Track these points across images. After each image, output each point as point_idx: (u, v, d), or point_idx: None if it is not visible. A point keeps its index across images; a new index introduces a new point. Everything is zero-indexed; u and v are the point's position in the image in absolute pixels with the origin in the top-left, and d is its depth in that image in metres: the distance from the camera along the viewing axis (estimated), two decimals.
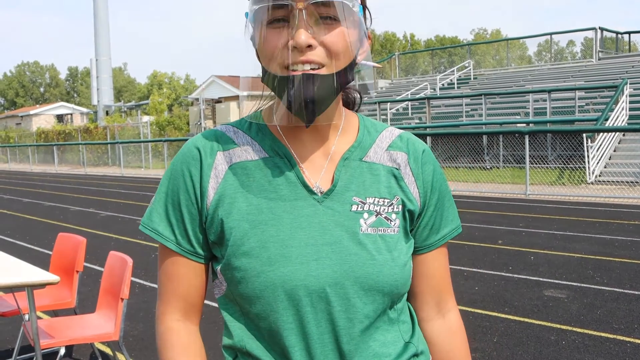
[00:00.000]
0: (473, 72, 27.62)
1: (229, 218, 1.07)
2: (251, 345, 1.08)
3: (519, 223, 9.17)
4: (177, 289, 1.13)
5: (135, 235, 9.14)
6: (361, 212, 1.08)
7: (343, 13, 0.99)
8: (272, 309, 1.04)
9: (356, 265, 1.05)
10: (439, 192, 1.17)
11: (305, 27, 0.97)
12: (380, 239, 1.08)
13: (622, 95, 16.44)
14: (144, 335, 4.67)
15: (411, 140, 1.18)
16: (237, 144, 1.12)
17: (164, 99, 39.19)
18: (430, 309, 1.21)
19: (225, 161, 1.10)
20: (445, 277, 1.21)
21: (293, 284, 1.03)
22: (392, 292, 1.08)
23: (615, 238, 7.74)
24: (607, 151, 14.80)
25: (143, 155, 28.71)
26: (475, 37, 77.06)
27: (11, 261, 3.71)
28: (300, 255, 1.04)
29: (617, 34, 27.43)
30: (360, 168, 1.12)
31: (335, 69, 1.01)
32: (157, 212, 1.12)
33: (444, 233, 1.18)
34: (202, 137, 1.14)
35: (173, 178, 1.12)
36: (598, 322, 4.63)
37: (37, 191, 17.90)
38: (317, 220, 1.06)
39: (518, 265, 6.47)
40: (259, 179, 1.09)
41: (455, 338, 1.22)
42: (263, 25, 1.01)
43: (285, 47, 0.99)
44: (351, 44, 1.02)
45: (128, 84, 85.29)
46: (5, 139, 45.52)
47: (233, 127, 1.16)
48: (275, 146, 1.11)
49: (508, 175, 15.51)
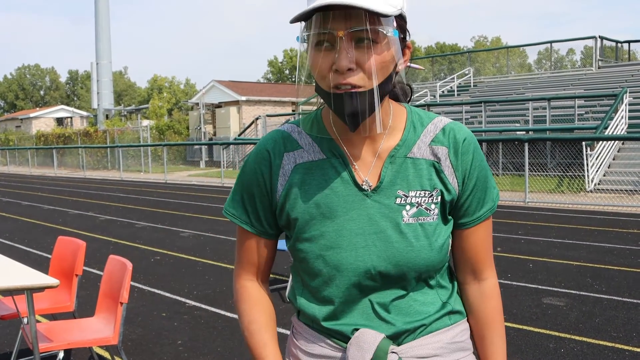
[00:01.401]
0: (473, 80, 27.67)
1: (294, 210, 1.28)
2: (306, 308, 1.32)
3: (517, 230, 9.17)
4: (250, 257, 1.39)
5: (134, 240, 9.14)
6: (404, 204, 1.25)
7: (378, 38, 1.14)
8: (327, 285, 1.27)
9: (397, 251, 1.24)
10: (476, 179, 1.30)
11: (345, 52, 1.12)
12: (420, 227, 1.25)
13: (621, 104, 16.47)
14: (142, 340, 4.67)
15: (453, 132, 1.30)
16: (300, 146, 1.31)
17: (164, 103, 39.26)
18: (467, 275, 1.38)
19: (291, 161, 1.30)
20: (481, 251, 1.35)
21: (344, 267, 1.24)
22: (427, 270, 1.26)
23: (614, 246, 7.75)
24: (607, 159, 14.82)
25: (142, 159, 28.71)
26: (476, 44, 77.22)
27: (11, 264, 3.71)
28: (351, 243, 1.24)
29: (616, 43, 27.50)
30: (405, 164, 1.27)
31: (371, 86, 1.15)
32: (235, 200, 1.36)
33: (479, 214, 1.32)
34: (271, 140, 1.33)
35: (247, 174, 1.34)
36: (596, 330, 4.63)
37: (36, 194, 17.89)
38: (365, 212, 1.25)
39: (517, 273, 6.47)
40: (318, 177, 1.28)
41: (488, 302, 1.37)
42: (312, 47, 1.17)
43: (330, 70, 1.15)
44: (387, 62, 1.16)
45: (128, 87, 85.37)
46: (5, 142, 45.51)
47: (298, 127, 1.34)
48: (332, 147, 1.29)
49: (507, 182, 15.52)
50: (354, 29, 1.11)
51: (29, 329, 3.18)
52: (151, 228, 10.34)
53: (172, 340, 4.65)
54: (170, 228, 10.25)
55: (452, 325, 1.33)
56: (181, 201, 14.72)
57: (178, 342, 4.59)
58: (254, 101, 33.33)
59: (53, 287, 3.22)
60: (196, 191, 17.68)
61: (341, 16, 1.11)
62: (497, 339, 1.37)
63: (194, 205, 13.83)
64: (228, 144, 24.69)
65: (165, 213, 12.36)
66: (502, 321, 1.39)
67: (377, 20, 1.12)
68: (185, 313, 5.31)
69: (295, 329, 1.40)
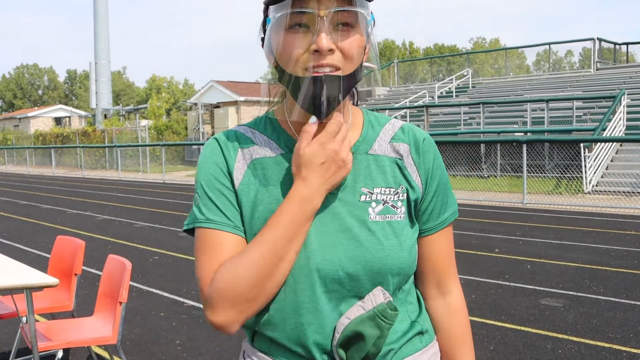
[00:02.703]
0: (471, 81, 27.68)
1: (252, 207, 1.18)
2: (265, 327, 1.18)
3: (515, 232, 9.19)
4: (221, 259, 1.14)
5: (133, 239, 9.14)
6: (369, 201, 1.18)
7: (358, 21, 1.11)
8: (292, 289, 1.14)
9: (366, 250, 1.14)
10: (438, 179, 1.26)
11: (326, 33, 1.07)
12: (388, 225, 1.17)
13: (619, 106, 16.50)
14: (140, 339, 4.67)
15: (412, 130, 1.27)
16: (255, 143, 1.23)
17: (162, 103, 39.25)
18: (431, 288, 1.30)
19: (245, 158, 1.21)
20: (445, 259, 1.29)
21: (310, 267, 1.13)
22: (399, 274, 1.18)
23: (612, 248, 7.76)
24: (604, 161, 14.84)
25: (141, 159, 28.69)
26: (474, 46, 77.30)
27: (10, 263, 3.71)
28: (316, 241, 1.14)
29: (615, 45, 27.54)
30: (366, 160, 1.22)
31: (349, 71, 1.12)
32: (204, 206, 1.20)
33: (443, 218, 1.27)
34: (222, 135, 1.25)
35: (205, 171, 1.21)
36: (594, 331, 4.65)
37: (35, 194, 17.87)
38: (330, 210, 1.17)
39: (515, 274, 6.48)
40: (277, 174, 1.19)
41: (455, 317, 1.30)
42: (284, 30, 1.10)
43: (308, 51, 1.08)
44: (362, 47, 1.13)
45: (127, 87, 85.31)
46: (3, 141, 45.48)
47: (250, 127, 1.26)
48: (290, 143, 1.21)
49: (505, 184, 15.54)
50: (338, 9, 1.07)
51: (28, 328, 3.19)
52: (150, 228, 10.34)
53: (170, 340, 4.66)
54: (168, 228, 10.25)
55: (424, 348, 1.24)
56: (179, 201, 14.72)
57: (176, 342, 4.60)
58: (252, 101, 33.32)
59: (52, 286, 3.23)
60: (194, 191, 17.67)
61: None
62: (468, 356, 1.31)
63: (192, 205, 13.81)
64: None
65: (163, 213, 12.36)
66: (471, 337, 1.33)
67: (360, 2, 1.10)
68: (184, 313, 5.32)
69: (248, 357, 1.24)
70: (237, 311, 1.10)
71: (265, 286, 1.10)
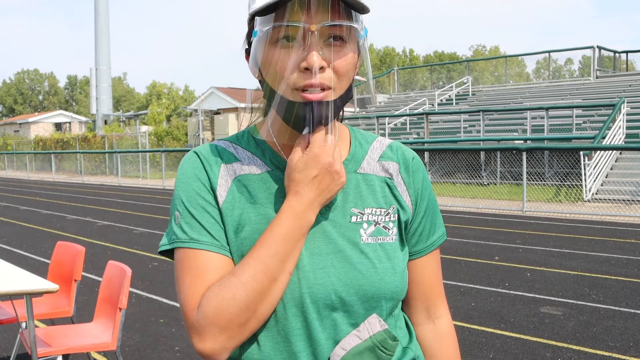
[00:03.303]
0: (471, 89, 27.73)
1: (238, 227, 1.09)
2: (253, 357, 1.09)
3: (515, 239, 9.19)
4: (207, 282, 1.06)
5: (132, 245, 9.13)
6: (360, 222, 1.12)
7: (350, 36, 1.04)
8: (282, 315, 1.06)
9: (359, 273, 1.08)
10: (427, 200, 1.21)
11: (317, 49, 1.00)
12: (380, 247, 1.11)
13: (619, 114, 16.53)
14: (140, 346, 4.66)
15: (400, 149, 1.22)
16: (238, 159, 1.15)
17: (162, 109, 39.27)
18: (419, 313, 1.25)
19: (229, 174, 1.13)
20: (434, 283, 1.24)
21: (301, 291, 1.06)
22: (392, 299, 1.12)
23: (612, 256, 7.76)
24: (604, 169, 14.86)
25: (141, 165, 28.71)
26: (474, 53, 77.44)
27: (10, 269, 3.71)
28: (307, 264, 1.07)
29: (614, 53, 27.60)
30: (355, 180, 1.15)
31: (341, 91, 1.06)
32: (186, 224, 1.10)
33: (432, 240, 1.22)
34: (202, 149, 1.16)
35: (184, 185, 1.13)
36: (594, 339, 4.64)
37: (34, 199, 17.87)
38: (321, 230, 1.10)
39: (514, 282, 6.48)
40: (263, 192, 1.11)
41: (445, 343, 1.25)
42: (270, 43, 1.03)
43: (296, 69, 1.01)
44: (354, 64, 1.07)
45: (127, 93, 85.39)
46: (3, 146, 45.49)
47: (231, 142, 1.19)
48: (276, 160, 1.14)
49: (505, 191, 15.55)
50: (329, 23, 1.00)
51: (28, 333, 3.19)
52: (149, 234, 10.33)
53: (169, 346, 4.65)
54: None
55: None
56: None
57: (176, 349, 4.59)
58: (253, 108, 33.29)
59: (53, 292, 3.23)
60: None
61: (313, 8, 1.00)
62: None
63: None
64: None
65: (163, 219, 12.35)
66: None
67: (353, 16, 1.04)
68: (183, 319, 5.31)
69: None
70: (227, 337, 1.01)
71: (258, 309, 1.01)
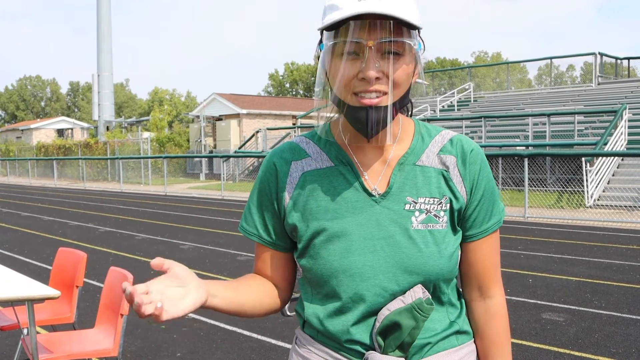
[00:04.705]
0: (473, 95, 27.78)
1: (302, 217, 1.30)
2: (313, 318, 1.31)
3: (517, 245, 9.18)
4: (260, 267, 1.41)
5: (134, 251, 9.14)
6: (413, 210, 1.26)
7: (405, 50, 1.18)
8: (336, 293, 1.26)
9: (406, 256, 1.23)
10: (483, 189, 1.31)
11: (373, 62, 1.15)
12: (429, 233, 1.25)
13: (621, 120, 16.54)
14: (141, 352, 4.66)
15: (460, 142, 1.33)
16: (308, 154, 1.34)
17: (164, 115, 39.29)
18: (473, 291, 1.37)
19: (298, 169, 1.32)
20: (487, 265, 1.35)
21: (353, 272, 1.24)
22: (437, 279, 1.26)
23: (613, 262, 7.75)
24: (606, 175, 14.84)
25: (143, 172, 28.73)
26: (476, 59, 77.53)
27: (11, 275, 3.72)
28: (359, 248, 1.24)
29: (616, 59, 27.64)
30: (413, 171, 1.29)
31: (396, 97, 1.20)
32: (246, 215, 1.40)
33: (487, 226, 1.33)
34: (279, 150, 1.37)
35: (257, 186, 1.38)
36: (596, 345, 4.63)
37: (36, 205, 17.89)
38: (374, 218, 1.26)
39: (516, 288, 6.47)
40: (326, 185, 1.29)
41: (494, 321, 1.35)
42: (336, 55, 1.19)
43: (356, 78, 1.17)
44: (409, 74, 1.21)
45: (129, 99, 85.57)
46: (5, 153, 45.58)
47: (306, 138, 1.38)
48: (340, 156, 1.31)
49: (507, 197, 15.54)
50: (385, 39, 1.14)
51: (29, 340, 3.19)
52: (151, 240, 10.34)
53: (171, 352, 4.65)
54: (170, 240, 10.26)
55: (459, 346, 1.32)
56: (181, 213, 14.73)
57: (177, 355, 4.59)
58: (254, 114, 33.42)
59: (54, 298, 3.23)
60: (196, 204, 17.68)
61: (372, 26, 1.14)
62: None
63: (194, 217, 13.83)
64: (228, 156, 24.71)
65: (165, 225, 12.36)
66: (508, 342, 1.37)
67: (406, 32, 1.17)
68: (185, 325, 5.31)
69: (299, 340, 1.38)
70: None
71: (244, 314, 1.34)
